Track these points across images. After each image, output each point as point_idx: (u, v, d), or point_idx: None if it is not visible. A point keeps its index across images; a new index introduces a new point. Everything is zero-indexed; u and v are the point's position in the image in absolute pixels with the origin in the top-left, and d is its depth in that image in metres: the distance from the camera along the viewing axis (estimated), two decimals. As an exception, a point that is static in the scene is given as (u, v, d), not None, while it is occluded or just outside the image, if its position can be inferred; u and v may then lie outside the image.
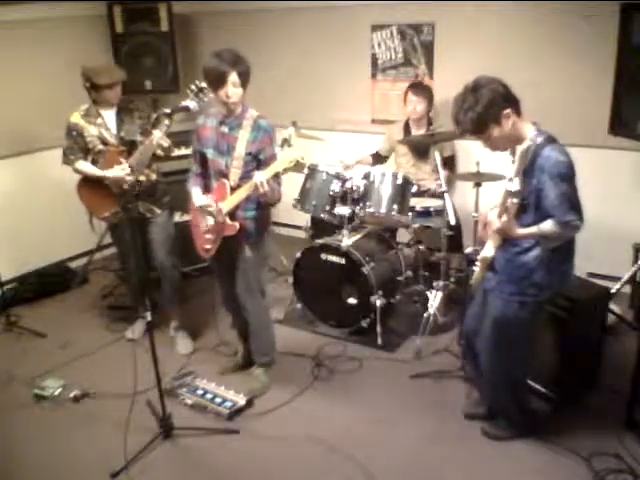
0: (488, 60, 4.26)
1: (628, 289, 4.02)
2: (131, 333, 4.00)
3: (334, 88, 5.12)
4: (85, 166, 3.61)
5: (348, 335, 3.92)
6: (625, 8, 3.59)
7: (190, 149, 3.35)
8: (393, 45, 4.79)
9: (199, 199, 3.15)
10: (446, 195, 3.66)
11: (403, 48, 4.75)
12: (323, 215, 3.95)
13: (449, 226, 3.70)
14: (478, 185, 3.62)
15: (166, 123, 3.23)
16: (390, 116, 4.84)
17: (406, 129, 4.43)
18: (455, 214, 3.71)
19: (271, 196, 2.97)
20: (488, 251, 2.58)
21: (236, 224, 3.05)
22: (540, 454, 2.85)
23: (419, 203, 3.98)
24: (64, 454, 2.98)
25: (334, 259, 3.84)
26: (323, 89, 5.17)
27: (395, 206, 3.76)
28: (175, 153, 3.75)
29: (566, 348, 3.03)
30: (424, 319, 3.76)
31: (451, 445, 2.96)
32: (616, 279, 3.95)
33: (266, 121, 3.07)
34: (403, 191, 3.80)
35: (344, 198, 3.89)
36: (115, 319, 4.24)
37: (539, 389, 3.16)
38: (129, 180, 3.43)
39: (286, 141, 4.03)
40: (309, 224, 4.40)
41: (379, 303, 3.70)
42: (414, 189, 3.87)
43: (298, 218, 4.71)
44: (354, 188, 3.84)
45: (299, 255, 3.98)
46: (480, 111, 2.38)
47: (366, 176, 3.87)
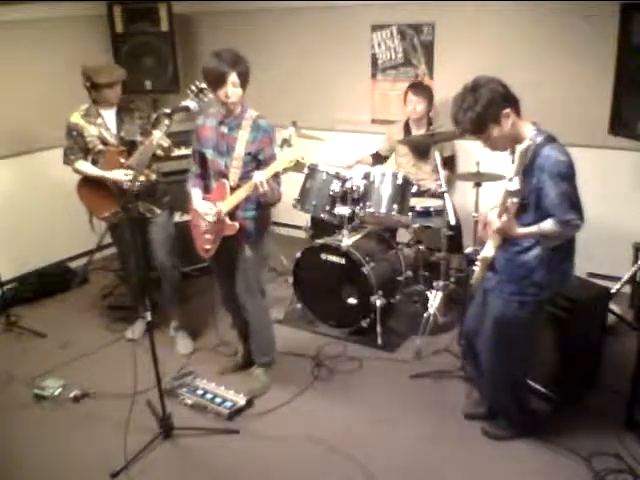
0: (488, 60, 4.26)
1: (628, 289, 4.02)
2: (131, 333, 4.00)
3: (334, 88, 5.12)
4: (85, 166, 3.61)
5: (348, 335, 3.92)
6: (625, 8, 3.59)
7: (190, 149, 3.35)
8: (393, 45, 4.79)
9: (199, 204, 3.16)
10: (446, 195, 3.66)
11: (403, 48, 4.75)
12: (323, 215, 3.95)
13: (449, 226, 3.70)
14: (478, 185, 3.62)
15: (166, 123, 3.23)
16: (390, 116, 4.84)
17: (406, 129, 4.43)
18: (455, 214, 3.71)
19: (271, 196, 2.97)
20: (488, 251, 2.58)
21: (236, 224, 3.06)
22: (540, 454, 2.85)
23: (419, 203, 3.99)
24: (64, 454, 2.98)
25: (334, 259, 3.84)
26: (323, 89, 5.17)
27: (395, 206, 3.76)
28: (175, 153, 3.75)
29: (566, 348, 3.03)
30: (424, 319, 3.76)
31: (451, 445, 2.96)
32: (616, 279, 3.95)
33: (265, 121, 3.07)
34: (403, 191, 3.80)
35: (344, 198, 3.89)
36: (115, 319, 4.24)
37: (539, 389, 3.16)
38: (129, 186, 3.44)
39: (286, 141, 4.03)
40: (309, 224, 4.39)
41: (379, 303, 3.71)
42: (414, 189, 3.87)
43: (298, 218, 4.71)
44: (354, 188, 3.85)
45: (299, 255, 3.98)
46: (479, 111, 2.38)
47: (366, 176, 3.87)
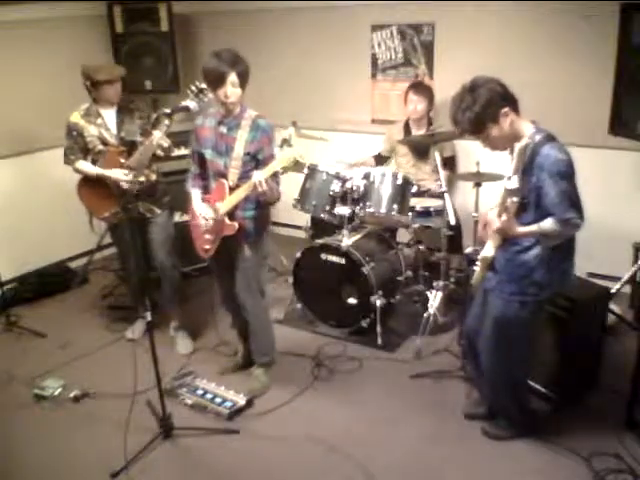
0: (488, 60, 4.26)
1: (628, 289, 4.02)
2: (131, 333, 4.00)
3: (334, 88, 5.12)
4: (85, 166, 3.60)
5: (348, 335, 3.92)
6: (625, 8, 3.59)
7: (189, 149, 3.35)
8: (393, 45, 4.79)
9: (198, 206, 3.16)
10: (446, 195, 3.66)
11: (403, 48, 4.75)
12: (323, 215, 3.95)
13: (449, 226, 3.70)
14: (478, 185, 3.62)
15: (166, 123, 3.23)
16: (390, 116, 4.84)
17: (406, 129, 4.43)
18: (455, 214, 3.71)
19: (270, 195, 2.97)
20: (488, 251, 2.58)
21: (235, 224, 3.06)
22: (540, 454, 2.84)
23: (419, 203, 3.98)
24: (64, 454, 2.98)
25: (334, 259, 3.84)
26: (323, 89, 5.17)
27: (395, 206, 3.76)
28: (175, 153, 3.75)
29: (566, 348, 3.03)
30: (424, 319, 3.76)
31: (451, 445, 2.95)
32: (616, 279, 3.95)
33: (265, 121, 3.06)
34: (403, 191, 3.80)
35: (344, 198, 3.89)
36: (115, 319, 4.24)
37: (539, 389, 3.16)
38: (128, 186, 3.44)
39: (286, 141, 4.03)
40: (309, 224, 4.39)
41: (379, 303, 3.70)
42: (414, 189, 3.87)
43: (298, 218, 4.71)
44: (354, 188, 3.84)
45: (299, 255, 3.98)
46: (478, 111, 2.38)
47: (366, 176, 3.87)
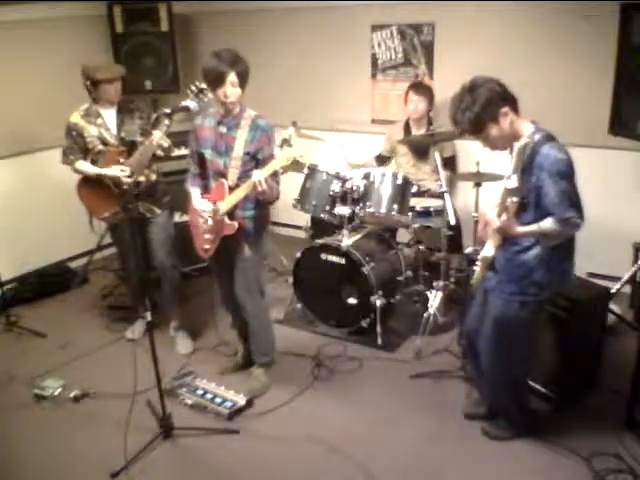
0: (488, 60, 4.26)
1: (628, 289, 4.02)
2: (131, 333, 4.00)
3: (334, 88, 5.12)
4: (85, 166, 3.60)
5: (348, 335, 3.92)
6: (625, 8, 3.59)
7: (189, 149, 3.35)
8: (393, 45, 4.79)
9: (198, 203, 3.16)
10: (446, 195, 3.66)
11: (403, 48, 4.75)
12: (323, 215, 3.95)
13: (449, 226, 3.70)
14: (478, 185, 3.63)
15: (166, 123, 3.23)
16: (390, 116, 4.84)
17: (406, 129, 4.43)
18: (455, 214, 3.71)
19: (270, 194, 2.97)
20: (488, 250, 2.58)
21: (235, 223, 3.05)
22: (540, 454, 2.84)
23: (419, 203, 3.98)
24: (64, 454, 2.98)
25: (334, 259, 3.84)
26: (323, 89, 5.17)
27: (395, 206, 3.76)
28: (175, 153, 3.75)
29: (566, 348, 3.03)
30: (424, 319, 3.76)
31: (451, 445, 2.95)
32: (616, 279, 3.95)
33: (264, 121, 3.07)
34: (403, 191, 3.80)
35: (344, 198, 3.89)
36: (115, 319, 4.24)
37: (539, 389, 3.16)
38: (127, 181, 3.44)
39: (286, 141, 4.02)
40: (309, 224, 4.39)
41: (379, 303, 3.70)
42: (414, 189, 3.87)
43: (298, 218, 4.71)
44: (354, 188, 3.84)
45: (299, 255, 3.98)
46: (477, 110, 2.39)
47: (366, 176, 3.87)
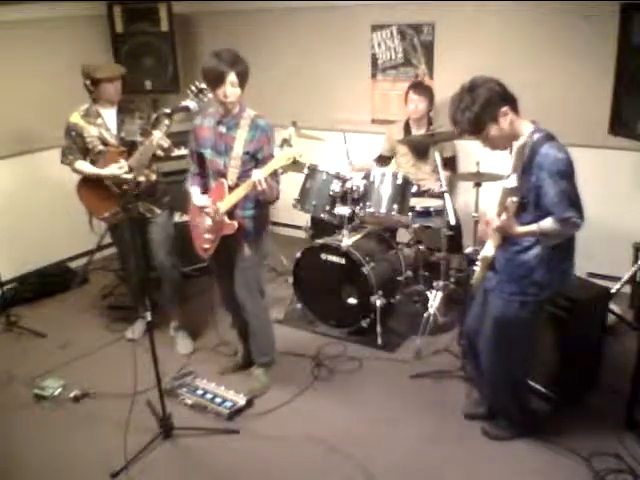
0: (488, 60, 4.26)
1: (628, 289, 4.02)
2: (131, 333, 4.00)
3: (334, 88, 5.12)
4: (84, 166, 3.60)
5: (348, 335, 3.92)
6: (625, 8, 3.59)
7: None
8: (393, 45, 4.79)
9: (198, 199, 3.16)
10: (446, 195, 3.66)
11: (403, 48, 4.75)
12: (323, 215, 3.95)
13: (449, 226, 3.70)
14: (478, 185, 3.63)
15: (166, 123, 3.23)
16: (390, 116, 4.84)
17: (406, 129, 4.43)
18: (455, 214, 3.70)
19: (269, 194, 2.97)
20: (488, 250, 2.58)
21: (235, 223, 3.05)
22: (540, 454, 2.84)
23: (419, 203, 3.98)
24: (64, 454, 2.98)
25: (334, 259, 3.83)
26: (323, 89, 5.17)
27: (395, 206, 3.75)
28: (175, 153, 3.75)
29: (566, 348, 3.03)
30: (424, 319, 3.76)
31: (451, 445, 2.95)
32: (616, 279, 3.95)
33: (264, 120, 3.06)
34: (403, 191, 3.80)
35: (344, 198, 3.89)
36: (115, 319, 4.24)
37: (539, 389, 3.16)
38: (127, 178, 3.43)
39: (286, 141, 4.04)
40: (309, 224, 4.39)
41: (379, 303, 3.70)
42: (414, 189, 3.87)
43: (298, 218, 4.71)
44: (354, 188, 3.84)
45: (299, 255, 3.98)
46: (477, 110, 2.39)
47: (366, 176, 3.88)
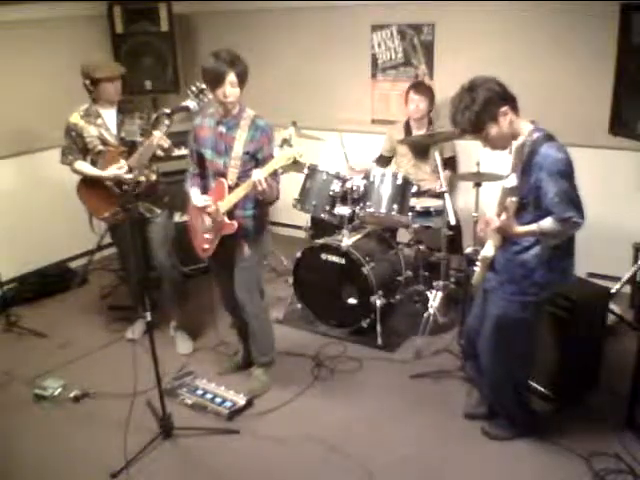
0: (488, 60, 4.25)
1: (628, 289, 4.02)
2: (131, 333, 4.00)
3: (334, 88, 5.12)
4: (84, 166, 3.60)
5: (348, 335, 3.92)
6: (625, 8, 3.59)
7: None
8: (393, 45, 4.78)
9: (198, 200, 3.15)
10: (446, 195, 3.66)
11: (403, 48, 4.75)
12: (323, 215, 3.95)
13: (449, 226, 3.70)
14: (478, 185, 3.63)
15: (166, 123, 3.22)
16: (390, 116, 4.84)
17: (407, 129, 4.43)
18: (455, 214, 3.70)
19: (269, 194, 2.96)
20: (488, 251, 2.58)
21: (234, 223, 3.05)
22: (540, 454, 2.84)
23: (419, 203, 3.98)
24: (64, 454, 2.98)
25: (334, 259, 3.83)
26: (323, 89, 5.17)
27: (395, 206, 3.75)
28: (175, 153, 3.74)
29: (566, 348, 3.04)
30: (424, 319, 3.76)
31: (451, 445, 2.95)
32: (616, 279, 3.95)
33: (264, 120, 3.06)
34: (403, 191, 3.80)
35: (344, 198, 3.89)
36: (115, 319, 4.24)
37: (539, 389, 3.16)
38: (127, 179, 3.43)
39: (286, 141, 4.03)
40: (309, 224, 4.39)
41: (379, 303, 3.70)
42: (414, 189, 3.87)
43: (298, 218, 4.71)
44: (354, 188, 3.85)
45: (299, 255, 3.98)
46: (477, 110, 2.39)
47: (366, 176, 3.88)
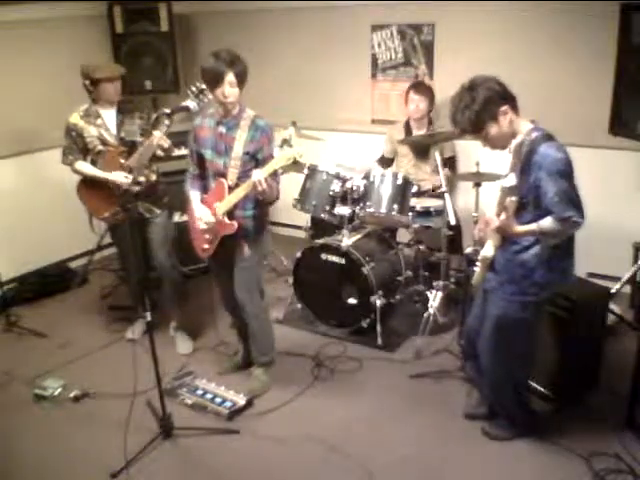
0: (488, 60, 4.25)
1: (628, 289, 4.02)
2: (131, 333, 4.00)
3: (334, 88, 5.12)
4: (85, 167, 3.60)
5: (348, 335, 3.92)
6: (625, 8, 3.59)
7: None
8: (393, 45, 4.78)
9: (198, 209, 3.15)
10: (446, 195, 3.65)
11: (403, 48, 4.75)
12: (323, 215, 3.95)
13: (449, 226, 3.70)
14: (478, 185, 3.63)
15: (166, 123, 3.22)
16: (390, 116, 4.84)
17: (407, 129, 4.43)
18: (455, 214, 3.70)
19: (269, 194, 2.96)
20: (488, 251, 2.58)
21: (234, 223, 3.05)
22: (540, 454, 2.84)
23: (419, 203, 3.98)
24: (64, 454, 2.98)
25: (334, 259, 3.83)
26: (323, 89, 5.17)
27: (395, 206, 3.75)
28: (175, 153, 3.74)
29: (566, 348, 3.03)
30: (424, 319, 3.76)
31: (451, 445, 2.95)
32: (616, 279, 3.95)
33: (264, 121, 3.06)
34: (403, 191, 3.80)
35: (344, 198, 3.89)
36: (115, 319, 4.24)
37: (539, 389, 3.16)
38: (127, 183, 3.44)
39: (286, 141, 4.03)
40: (309, 224, 4.39)
41: (379, 303, 3.71)
42: (414, 189, 3.87)
43: (298, 218, 4.71)
44: (354, 188, 3.85)
45: (299, 255, 3.98)
46: (477, 109, 2.39)
47: (366, 176, 3.88)
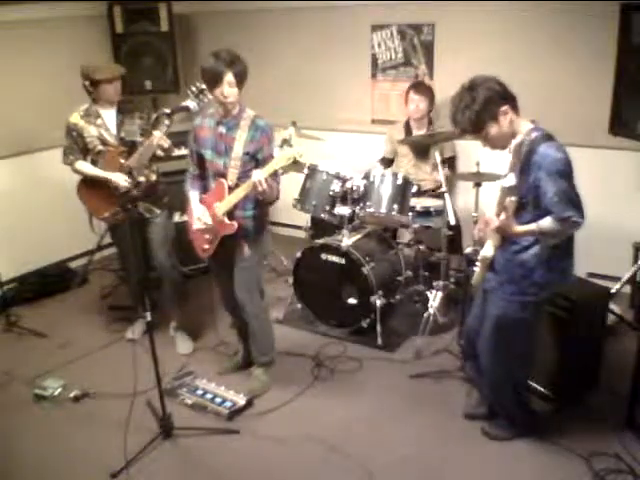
0: (488, 60, 4.25)
1: (628, 289, 4.02)
2: (131, 333, 4.00)
3: (334, 88, 5.12)
4: (85, 167, 3.60)
5: (348, 335, 3.92)
6: (625, 8, 3.59)
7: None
8: (393, 45, 4.78)
9: (197, 210, 3.15)
10: (446, 195, 3.66)
11: (403, 48, 4.75)
12: (323, 215, 3.95)
13: (449, 226, 3.70)
14: (478, 185, 3.63)
15: (166, 123, 3.22)
16: (390, 116, 4.84)
17: (407, 129, 4.43)
18: (455, 214, 3.70)
19: (269, 194, 2.96)
20: (488, 251, 2.58)
21: (234, 223, 3.05)
22: (540, 454, 2.85)
23: (419, 203, 3.98)
24: (64, 454, 2.98)
25: (334, 259, 3.83)
26: (323, 89, 5.17)
27: (395, 206, 3.76)
28: (175, 153, 3.74)
29: (566, 348, 3.03)
30: (424, 319, 3.76)
31: (451, 445, 2.96)
32: (616, 279, 3.95)
33: (264, 121, 3.06)
34: (403, 191, 3.80)
35: (344, 198, 3.89)
36: (115, 319, 4.24)
37: (539, 389, 3.16)
38: (125, 187, 3.45)
39: (286, 141, 4.03)
40: (309, 224, 4.39)
41: (379, 303, 3.71)
42: (414, 189, 3.87)
43: (298, 218, 4.71)
44: (354, 188, 3.85)
45: (299, 255, 3.98)
46: (477, 109, 2.39)
47: (366, 176, 3.88)
